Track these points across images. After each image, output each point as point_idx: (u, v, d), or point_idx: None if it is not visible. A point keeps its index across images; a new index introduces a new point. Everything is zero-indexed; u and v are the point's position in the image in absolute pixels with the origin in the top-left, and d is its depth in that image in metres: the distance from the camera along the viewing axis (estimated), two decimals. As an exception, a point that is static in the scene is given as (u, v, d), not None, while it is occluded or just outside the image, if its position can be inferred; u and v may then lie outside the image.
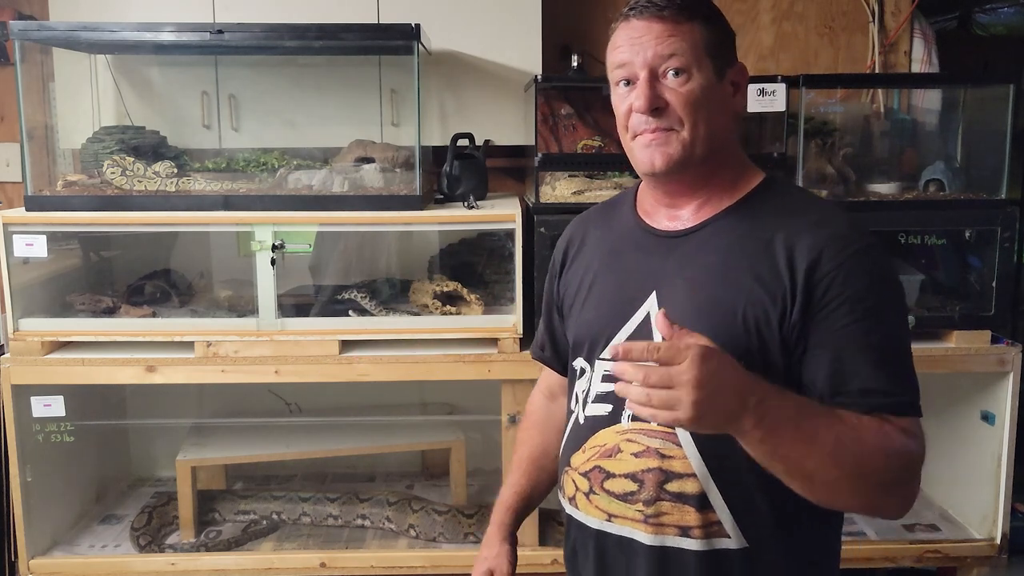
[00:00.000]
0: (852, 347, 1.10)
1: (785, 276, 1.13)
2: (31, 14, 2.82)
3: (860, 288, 1.11)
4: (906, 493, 1.10)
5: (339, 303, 2.45)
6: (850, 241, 1.13)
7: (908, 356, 1.14)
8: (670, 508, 1.17)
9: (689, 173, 1.20)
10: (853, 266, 1.11)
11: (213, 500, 2.69)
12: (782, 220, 1.17)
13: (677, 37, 1.15)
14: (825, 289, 1.11)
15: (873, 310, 1.10)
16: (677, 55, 1.15)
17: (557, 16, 2.81)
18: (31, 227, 2.30)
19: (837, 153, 2.52)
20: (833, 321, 1.11)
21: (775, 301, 1.13)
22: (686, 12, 1.15)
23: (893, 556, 2.48)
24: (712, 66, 1.17)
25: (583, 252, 1.36)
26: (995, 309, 2.40)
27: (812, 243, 1.13)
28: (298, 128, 2.70)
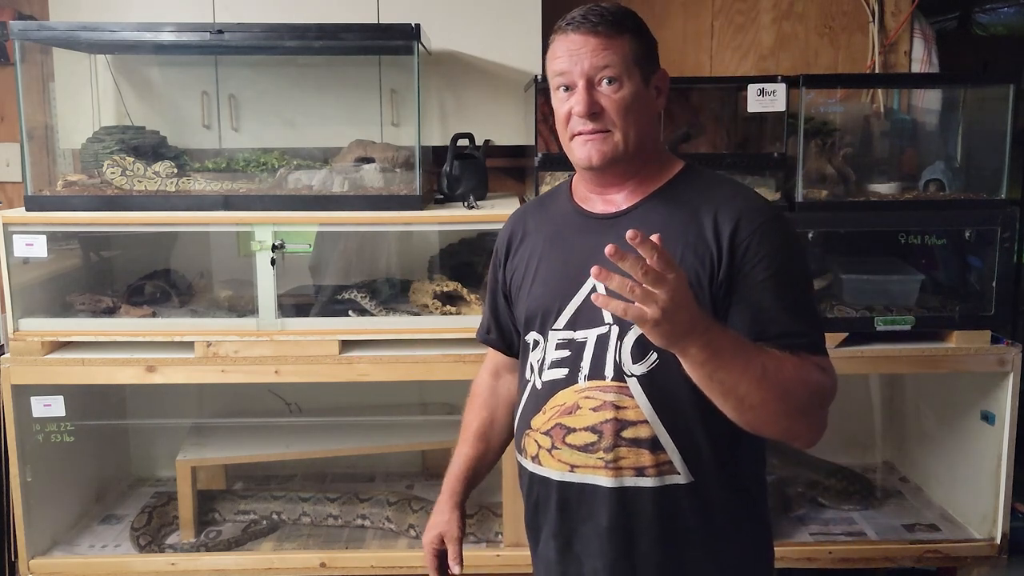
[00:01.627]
0: (769, 298, 1.29)
1: (711, 242, 1.31)
2: (31, 14, 2.82)
3: (772, 249, 1.30)
4: (817, 420, 1.29)
5: (339, 303, 2.45)
6: (763, 211, 1.33)
7: (815, 304, 1.37)
8: (627, 452, 1.34)
9: (621, 166, 1.37)
10: (766, 231, 1.30)
11: (213, 500, 2.69)
12: (704, 196, 1.36)
13: (610, 51, 1.32)
14: (744, 250, 1.30)
15: (784, 267, 1.30)
16: (610, 66, 1.32)
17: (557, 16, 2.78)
18: (31, 227, 2.30)
19: (837, 153, 2.52)
20: (752, 277, 1.29)
21: (704, 265, 1.31)
22: (617, 27, 1.32)
23: (893, 556, 2.48)
24: (640, 74, 1.34)
25: (526, 240, 1.52)
26: (995, 309, 2.40)
27: (732, 213, 1.32)
28: (298, 128, 2.70)
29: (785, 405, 1.23)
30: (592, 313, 1.35)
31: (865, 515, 2.66)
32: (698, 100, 2.74)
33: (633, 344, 1.33)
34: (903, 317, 2.40)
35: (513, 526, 2.41)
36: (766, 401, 1.21)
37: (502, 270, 1.56)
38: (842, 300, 2.48)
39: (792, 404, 1.24)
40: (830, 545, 2.48)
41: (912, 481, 2.87)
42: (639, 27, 1.36)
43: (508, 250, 1.55)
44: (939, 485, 2.74)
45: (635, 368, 1.33)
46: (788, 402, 1.23)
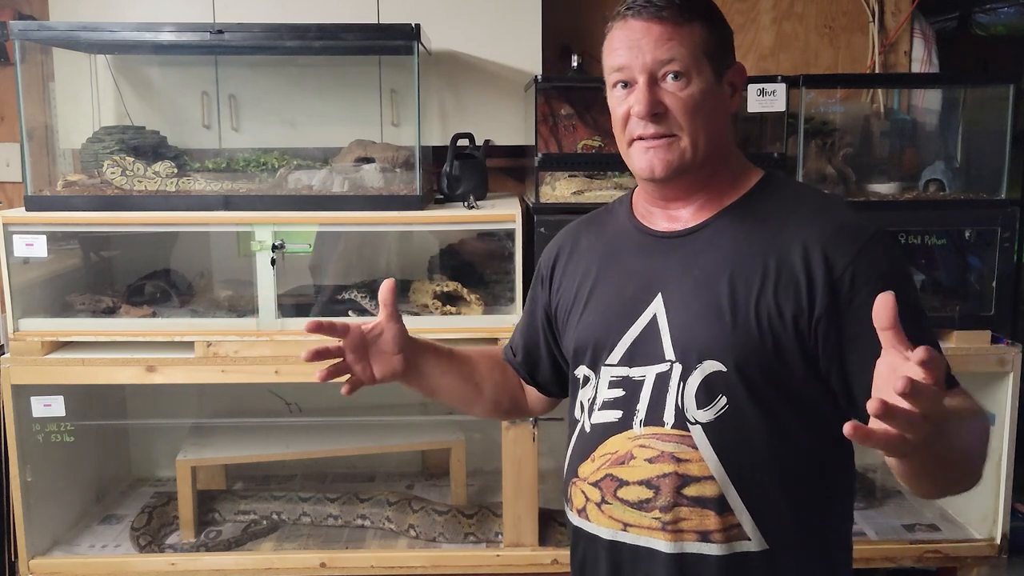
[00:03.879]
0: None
1: (800, 271, 1.11)
2: (31, 14, 2.81)
3: (884, 272, 1.10)
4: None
5: (339, 303, 2.45)
6: (862, 229, 1.12)
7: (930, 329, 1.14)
8: (688, 513, 1.14)
9: (688, 177, 1.19)
10: (871, 252, 1.10)
11: (213, 500, 2.69)
12: (788, 213, 1.16)
13: (676, 40, 1.13)
14: (851, 280, 1.09)
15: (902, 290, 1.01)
16: (676, 59, 1.13)
17: (557, 16, 2.81)
18: (31, 227, 2.29)
19: (837, 153, 2.52)
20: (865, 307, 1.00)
21: (788, 297, 1.11)
22: (686, 13, 1.13)
23: (893, 556, 2.48)
24: (711, 68, 1.16)
25: (575, 260, 1.33)
26: (995, 309, 2.40)
27: (824, 234, 1.12)
28: (298, 128, 2.70)
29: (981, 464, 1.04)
30: (652, 347, 1.17)
31: (865, 515, 2.66)
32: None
33: (699, 385, 1.13)
34: (903, 317, 2.40)
35: (513, 526, 2.41)
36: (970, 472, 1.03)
37: (547, 291, 1.37)
38: (842, 300, 2.48)
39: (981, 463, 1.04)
40: (830, 545, 2.48)
41: (912, 481, 2.87)
42: (711, 13, 1.17)
43: (554, 269, 1.36)
44: (939, 485, 2.74)
45: (700, 415, 1.13)
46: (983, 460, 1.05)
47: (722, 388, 1.13)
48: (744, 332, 1.12)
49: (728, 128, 1.21)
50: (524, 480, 2.37)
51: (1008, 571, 2.52)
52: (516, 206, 2.40)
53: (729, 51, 1.20)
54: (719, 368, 1.13)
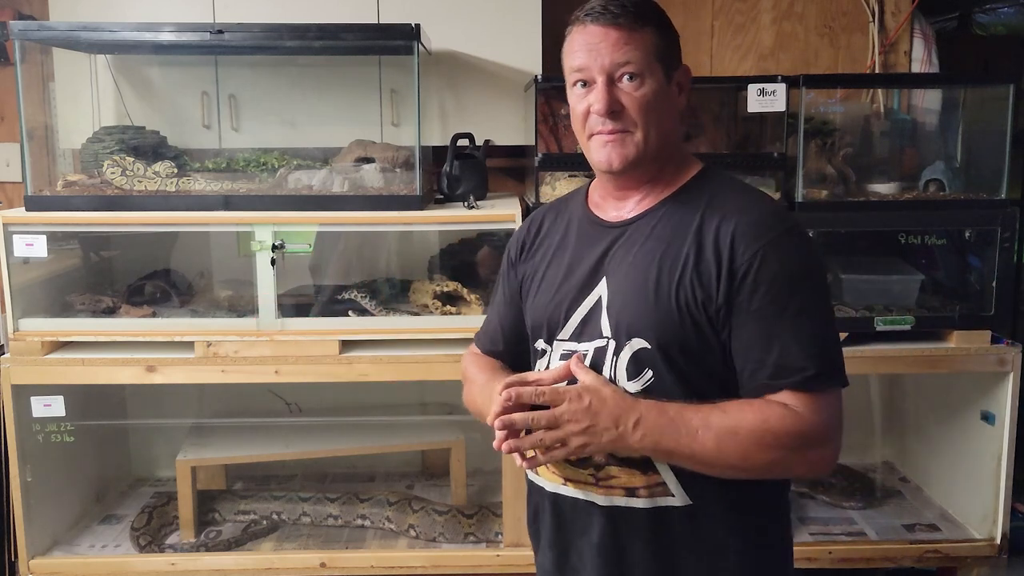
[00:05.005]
0: (764, 329, 1.20)
1: (712, 260, 1.22)
2: (31, 14, 2.82)
3: (777, 270, 1.19)
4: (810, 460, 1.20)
5: (339, 303, 2.45)
6: (769, 227, 1.22)
7: (826, 334, 1.22)
8: (617, 472, 1.27)
9: (640, 170, 1.30)
10: (769, 251, 1.20)
11: (213, 500, 2.69)
12: (713, 205, 1.26)
13: (631, 45, 1.24)
14: (744, 272, 1.20)
15: (788, 291, 1.19)
16: (632, 62, 1.25)
17: (557, 16, 2.81)
18: (31, 227, 2.30)
19: (837, 153, 2.52)
20: (749, 304, 1.20)
21: (703, 284, 1.22)
22: (640, 20, 1.25)
23: (893, 556, 2.48)
24: (662, 70, 1.27)
25: (538, 242, 1.46)
26: (995, 309, 2.40)
27: (736, 227, 1.22)
28: (298, 128, 2.70)
29: (749, 466, 1.19)
30: (594, 325, 1.29)
31: (865, 515, 2.66)
32: (698, 100, 2.74)
33: (629, 360, 1.25)
34: (903, 317, 2.40)
35: (513, 526, 2.41)
36: (726, 469, 1.19)
37: (514, 271, 1.48)
38: (842, 300, 2.48)
39: (756, 464, 1.18)
40: (830, 545, 2.48)
41: (912, 481, 2.87)
42: (662, 19, 1.28)
43: (521, 251, 1.48)
44: (939, 485, 2.74)
45: (629, 386, 1.25)
46: (751, 460, 1.18)
47: (648, 363, 1.24)
48: (665, 313, 1.24)
49: (677, 124, 1.33)
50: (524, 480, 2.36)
51: (1008, 571, 2.52)
52: (516, 206, 2.40)
53: (677, 54, 1.31)
54: (645, 345, 1.24)
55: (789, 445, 1.18)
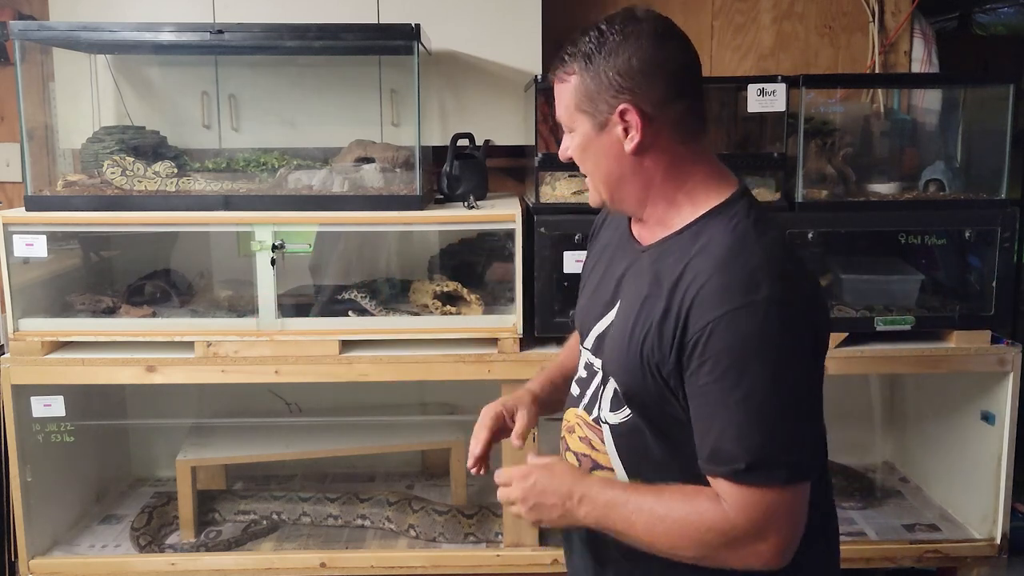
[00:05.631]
0: (708, 408, 1.10)
1: (671, 324, 1.13)
2: (31, 14, 2.82)
3: (727, 347, 1.07)
4: (742, 556, 1.10)
5: (339, 303, 2.45)
6: (732, 297, 1.08)
7: (769, 422, 1.08)
8: None
9: (622, 209, 1.27)
10: (723, 324, 1.08)
11: (213, 500, 2.69)
12: (695, 259, 1.15)
13: (560, 100, 1.22)
14: (693, 344, 1.10)
15: (736, 371, 1.07)
16: (563, 117, 1.23)
17: (557, 16, 2.81)
18: (31, 227, 2.30)
19: (837, 153, 2.52)
20: (696, 378, 1.11)
21: (661, 346, 1.14)
22: (566, 71, 1.19)
23: (893, 556, 2.49)
24: (588, 121, 1.19)
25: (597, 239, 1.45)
26: (995, 309, 2.40)
27: (698, 293, 1.11)
28: (298, 128, 2.70)
29: (676, 553, 1.14)
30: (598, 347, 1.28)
31: (865, 515, 2.66)
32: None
33: (612, 394, 1.25)
34: (903, 317, 2.40)
35: (513, 526, 2.41)
36: (660, 552, 1.15)
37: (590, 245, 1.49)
38: (842, 300, 2.48)
39: (683, 553, 1.13)
40: (830, 545, 2.48)
41: (912, 481, 2.87)
42: (588, 61, 1.17)
43: (592, 233, 1.48)
44: (939, 485, 2.74)
45: (610, 416, 1.26)
46: (678, 551, 1.13)
47: (625, 402, 1.23)
48: (634, 364, 1.18)
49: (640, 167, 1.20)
50: (524, 480, 2.37)
51: (1008, 571, 2.52)
52: (516, 206, 2.40)
53: (608, 96, 1.17)
54: (616, 387, 1.25)
55: (711, 542, 1.10)
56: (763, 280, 1.08)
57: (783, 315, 1.08)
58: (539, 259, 2.32)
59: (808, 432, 1.13)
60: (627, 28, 1.16)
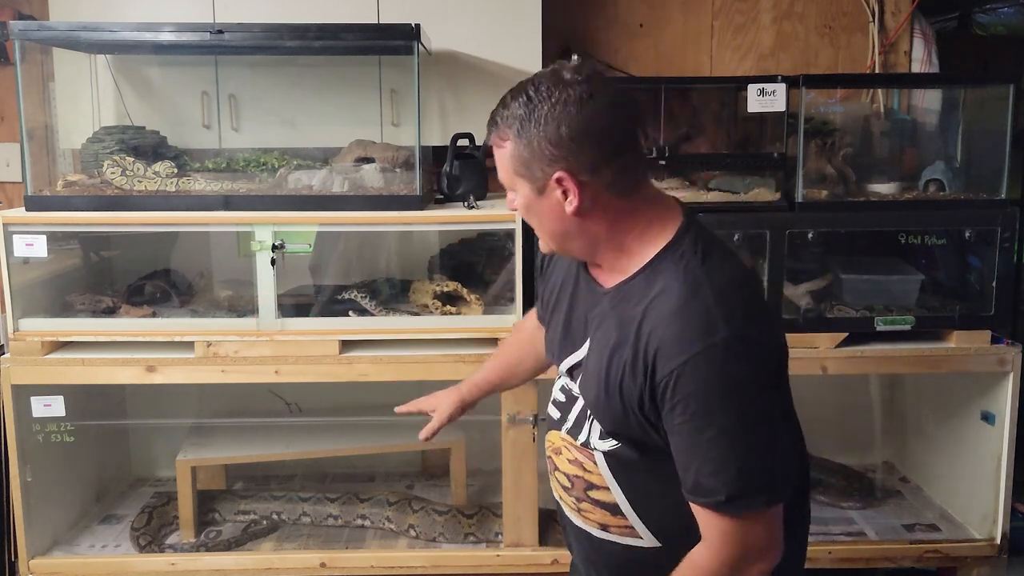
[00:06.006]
0: (684, 445, 1.17)
1: (640, 369, 1.19)
2: (31, 14, 2.82)
3: (694, 389, 1.13)
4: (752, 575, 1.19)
5: (339, 303, 2.45)
6: (692, 342, 1.14)
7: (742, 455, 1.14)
8: (591, 508, 1.34)
9: (567, 256, 1.34)
10: (687, 369, 1.13)
11: (213, 500, 2.69)
12: (652, 306, 1.19)
13: (499, 164, 1.25)
14: (663, 389, 1.16)
15: (705, 411, 1.13)
16: (503, 179, 1.26)
17: (557, 16, 2.81)
18: (31, 227, 2.29)
19: (837, 153, 2.52)
20: (671, 419, 1.17)
21: (636, 387, 1.20)
22: (502, 136, 1.22)
23: (893, 556, 2.48)
24: (527, 185, 1.23)
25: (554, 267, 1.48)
26: (995, 309, 2.39)
27: (661, 342, 1.16)
28: (298, 128, 2.70)
29: None
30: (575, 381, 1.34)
31: (865, 515, 2.66)
32: (698, 100, 2.74)
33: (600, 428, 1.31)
34: (903, 317, 2.40)
35: (513, 526, 2.41)
36: None
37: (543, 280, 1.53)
38: (842, 300, 2.48)
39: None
40: (830, 545, 2.48)
41: (912, 481, 2.87)
42: (522, 128, 1.19)
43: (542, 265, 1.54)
44: (939, 485, 2.74)
45: (599, 444, 1.30)
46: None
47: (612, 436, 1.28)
48: (615, 407, 1.24)
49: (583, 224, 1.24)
50: (524, 480, 2.37)
51: (1008, 571, 2.52)
52: (516, 206, 2.40)
53: (542, 164, 1.20)
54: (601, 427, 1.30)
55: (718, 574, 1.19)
56: (718, 321, 1.14)
57: (741, 353, 1.14)
58: (539, 259, 2.32)
59: (779, 458, 1.19)
60: (555, 94, 1.17)
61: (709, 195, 2.45)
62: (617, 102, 1.20)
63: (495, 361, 1.73)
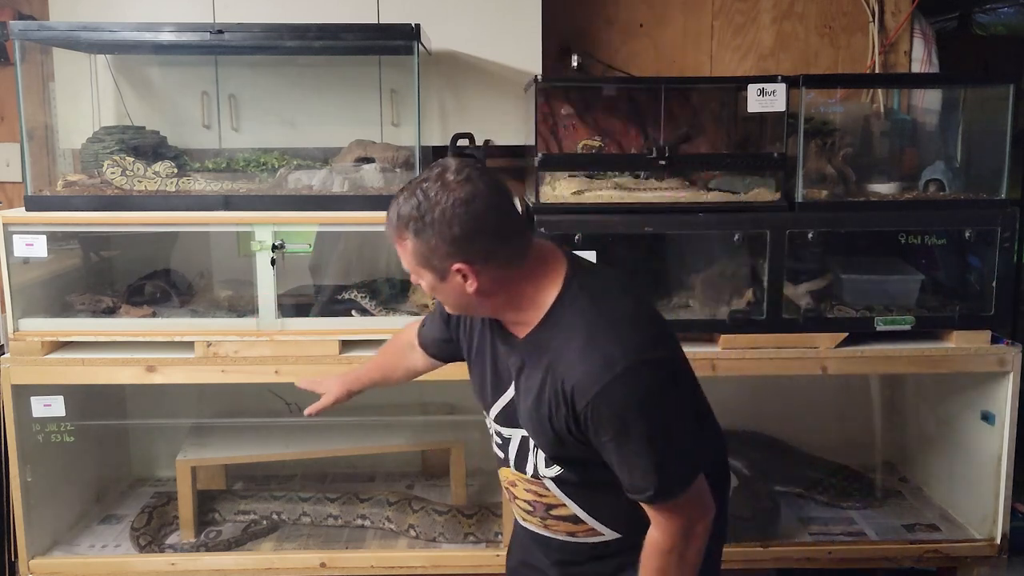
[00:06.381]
0: (615, 457, 1.37)
1: (562, 405, 1.36)
2: (31, 14, 2.82)
3: (610, 416, 1.32)
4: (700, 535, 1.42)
5: (339, 303, 2.45)
6: (597, 378, 1.31)
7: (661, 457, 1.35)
8: (556, 523, 1.54)
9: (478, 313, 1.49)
10: (599, 401, 1.32)
11: (213, 500, 2.69)
12: (557, 354, 1.37)
13: (403, 256, 1.39)
14: (584, 419, 1.35)
15: (625, 429, 1.33)
16: (408, 268, 1.40)
17: (557, 16, 2.81)
18: (31, 227, 2.30)
19: (837, 153, 2.52)
20: (598, 439, 1.36)
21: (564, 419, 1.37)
22: (400, 235, 1.36)
23: (893, 556, 2.49)
24: (430, 274, 1.38)
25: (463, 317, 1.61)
26: (995, 309, 2.39)
27: (572, 384, 1.34)
28: (298, 128, 2.70)
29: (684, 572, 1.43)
30: (514, 418, 1.49)
31: (865, 515, 2.66)
32: (698, 100, 2.74)
33: (542, 455, 1.48)
34: (903, 317, 2.40)
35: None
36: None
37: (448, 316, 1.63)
38: (842, 300, 2.48)
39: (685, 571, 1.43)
40: (830, 545, 2.48)
41: (912, 481, 2.87)
42: (417, 229, 1.33)
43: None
44: (939, 485, 2.74)
45: (547, 471, 1.49)
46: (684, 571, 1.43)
47: (555, 462, 1.47)
48: (553, 439, 1.42)
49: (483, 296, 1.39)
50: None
51: (1008, 571, 2.52)
52: (516, 206, 2.40)
53: (440, 258, 1.34)
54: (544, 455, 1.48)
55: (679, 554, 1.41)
56: (616, 354, 1.32)
57: (641, 376, 1.32)
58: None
59: (692, 449, 1.41)
60: (443, 198, 1.31)
61: (709, 195, 2.45)
62: (498, 193, 1.35)
63: (376, 361, 1.90)
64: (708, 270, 2.50)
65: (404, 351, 1.83)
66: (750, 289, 2.41)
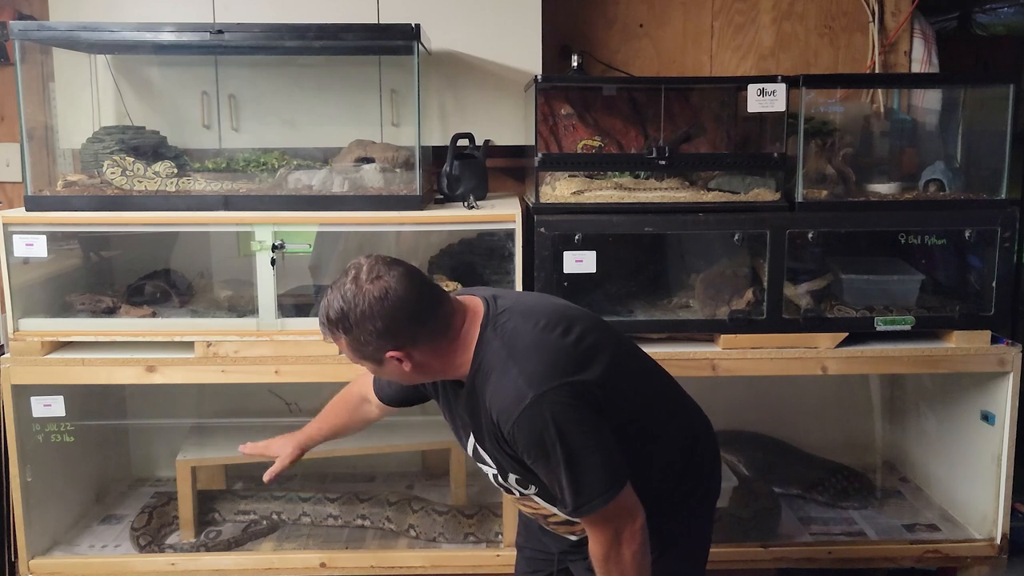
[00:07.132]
0: (543, 478, 1.52)
1: (501, 437, 1.51)
2: (31, 14, 2.82)
3: (528, 442, 1.47)
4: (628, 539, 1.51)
5: (339, 303, 2.45)
6: (511, 411, 1.46)
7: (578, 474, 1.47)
8: (557, 527, 1.72)
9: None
10: (516, 430, 1.46)
11: (213, 500, 2.69)
12: (487, 391, 1.51)
13: (340, 349, 1.54)
14: (512, 445, 1.50)
15: (543, 452, 1.46)
16: (348, 358, 1.55)
17: (557, 16, 2.81)
18: (31, 227, 2.30)
19: (837, 153, 2.52)
20: (528, 461, 1.51)
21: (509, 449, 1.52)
22: (333, 335, 1.51)
23: (893, 556, 2.49)
24: (368, 363, 1.54)
25: None
26: (995, 309, 2.40)
27: (497, 417, 1.49)
28: (298, 128, 2.70)
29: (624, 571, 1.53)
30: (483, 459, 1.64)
31: (865, 515, 2.66)
32: (698, 100, 2.74)
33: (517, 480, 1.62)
34: (903, 317, 2.40)
35: (513, 526, 2.40)
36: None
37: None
38: (842, 300, 2.48)
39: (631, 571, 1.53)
40: (830, 545, 2.48)
41: (912, 481, 2.87)
42: (346, 330, 1.48)
43: None
44: (939, 485, 2.74)
45: (528, 491, 1.64)
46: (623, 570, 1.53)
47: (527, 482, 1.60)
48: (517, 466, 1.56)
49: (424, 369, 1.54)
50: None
51: (1008, 571, 2.52)
52: (516, 206, 2.40)
53: (372, 350, 1.49)
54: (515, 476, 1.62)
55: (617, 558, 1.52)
56: (523, 387, 1.45)
57: (544, 405, 1.44)
58: (539, 259, 2.33)
59: (608, 462, 1.48)
60: (360, 299, 1.46)
61: (709, 195, 2.45)
62: (408, 281, 1.49)
63: (326, 419, 1.99)
64: (708, 270, 2.50)
65: (357, 406, 1.95)
66: (750, 289, 2.41)
